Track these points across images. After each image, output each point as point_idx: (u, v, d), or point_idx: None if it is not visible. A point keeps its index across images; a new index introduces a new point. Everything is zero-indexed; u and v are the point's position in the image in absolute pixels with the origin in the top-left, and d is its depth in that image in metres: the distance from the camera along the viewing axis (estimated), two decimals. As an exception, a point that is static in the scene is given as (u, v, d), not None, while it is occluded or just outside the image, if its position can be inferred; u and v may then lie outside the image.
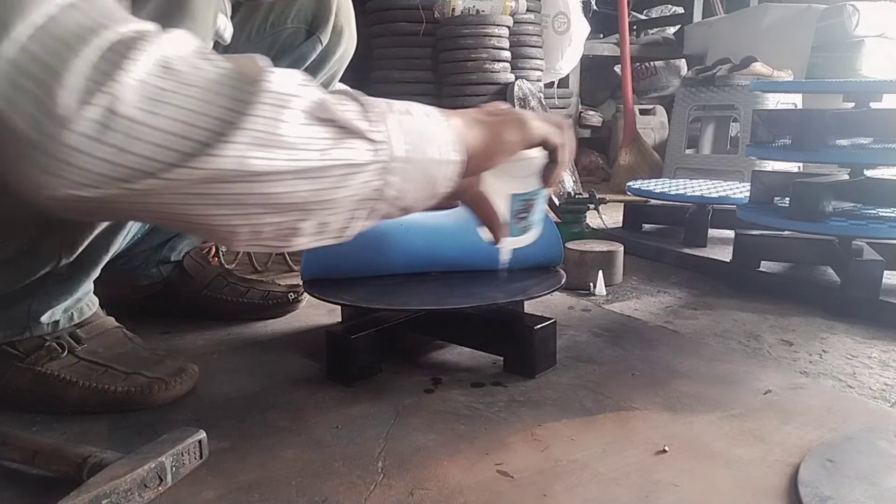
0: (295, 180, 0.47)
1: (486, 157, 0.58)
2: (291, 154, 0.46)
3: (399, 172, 0.52)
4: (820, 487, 0.58)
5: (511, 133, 0.60)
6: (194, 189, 0.44)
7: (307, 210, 0.49)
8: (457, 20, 2.12)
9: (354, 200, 0.51)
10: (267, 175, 0.45)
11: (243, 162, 0.44)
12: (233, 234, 0.49)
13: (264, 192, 0.46)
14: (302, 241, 0.52)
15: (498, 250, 0.72)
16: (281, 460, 0.65)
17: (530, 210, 0.67)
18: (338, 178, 0.49)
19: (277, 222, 0.49)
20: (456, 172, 0.56)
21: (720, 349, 0.96)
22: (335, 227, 0.52)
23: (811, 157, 1.36)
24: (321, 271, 0.89)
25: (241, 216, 0.47)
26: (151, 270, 1.06)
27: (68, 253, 0.71)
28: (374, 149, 0.50)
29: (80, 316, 0.79)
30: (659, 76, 3.49)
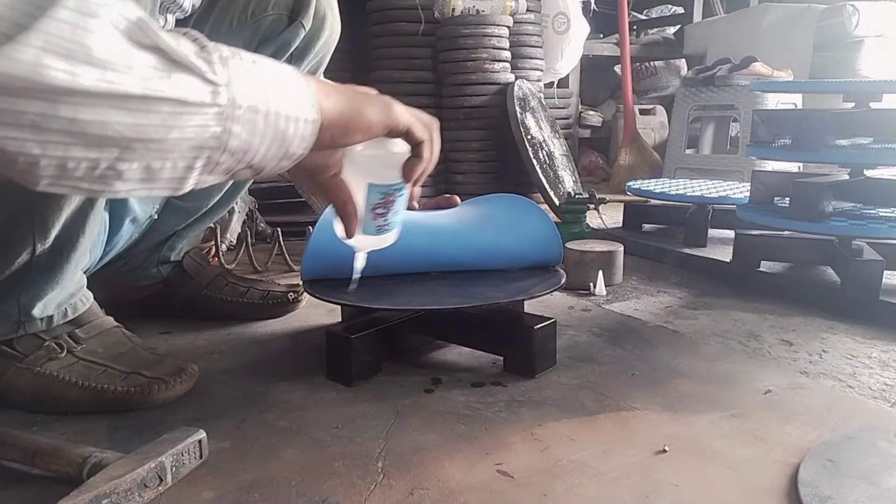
0: (108, 108, 0.42)
1: (343, 129, 0.55)
2: (102, 74, 0.41)
3: (243, 122, 0.47)
4: (820, 487, 0.58)
5: (373, 112, 0.56)
6: None
7: (128, 148, 0.44)
8: (457, 20, 2.12)
9: (189, 146, 0.46)
10: (69, 93, 0.40)
11: (37, 70, 0.39)
12: (34, 165, 0.42)
13: (69, 117, 0.41)
14: (125, 186, 0.46)
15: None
16: (281, 460, 0.65)
17: (389, 207, 0.64)
18: (165, 116, 0.44)
19: (91, 158, 0.43)
20: (311, 133, 0.52)
21: (720, 349, 0.96)
22: (167, 174, 0.47)
23: (811, 157, 1.36)
24: (321, 271, 0.89)
25: (41, 143, 0.41)
26: (151, 271, 1.06)
27: (42, 237, 0.70)
28: (211, 90, 0.45)
29: (74, 311, 0.79)
30: (659, 76, 3.49)
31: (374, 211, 0.63)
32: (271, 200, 1.75)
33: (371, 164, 0.61)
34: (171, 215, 1.02)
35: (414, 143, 0.60)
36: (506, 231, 0.96)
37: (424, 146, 0.60)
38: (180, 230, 1.06)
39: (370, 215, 0.63)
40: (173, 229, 1.05)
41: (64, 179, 0.44)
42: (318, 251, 0.87)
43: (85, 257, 0.79)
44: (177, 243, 1.07)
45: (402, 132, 0.59)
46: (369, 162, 0.61)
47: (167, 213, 1.01)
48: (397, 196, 0.64)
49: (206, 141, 0.46)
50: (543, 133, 2.13)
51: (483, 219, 0.94)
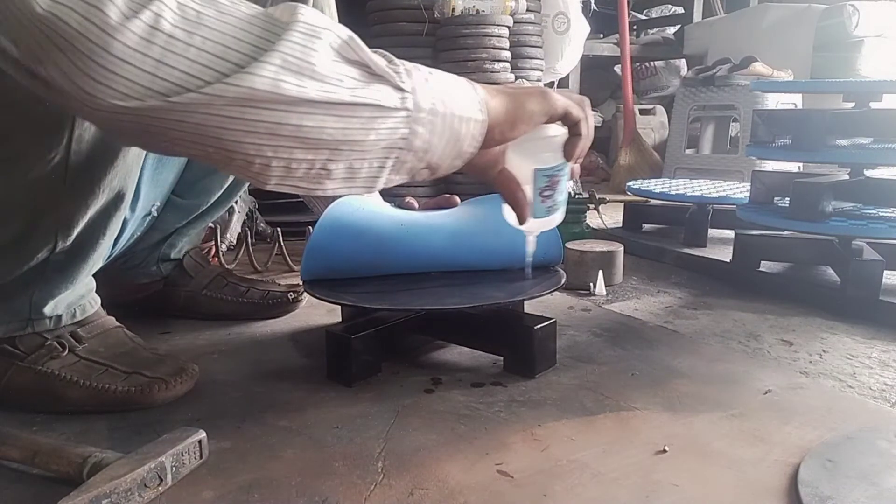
0: (324, 115, 0.49)
1: (510, 124, 0.60)
2: (322, 86, 0.49)
3: (425, 123, 0.54)
4: (820, 487, 0.58)
5: (533, 103, 0.61)
6: (230, 111, 0.47)
7: (336, 150, 0.51)
8: (457, 20, 2.11)
9: (382, 147, 0.53)
10: (298, 103, 0.48)
11: (277, 84, 0.47)
12: (267, 167, 0.50)
13: (295, 124, 0.48)
14: (332, 185, 0.54)
15: (524, 240, 0.74)
16: (281, 460, 0.65)
17: (555, 188, 0.68)
18: (366, 120, 0.51)
19: (309, 160, 0.51)
20: (480, 132, 0.58)
21: (720, 349, 0.96)
22: (364, 174, 0.54)
23: (811, 157, 1.36)
24: (321, 271, 0.89)
25: (274, 147, 0.49)
26: (151, 268, 1.07)
27: (64, 235, 0.71)
28: (401, 96, 0.52)
29: (83, 313, 0.79)
30: (659, 76, 3.49)
31: (542, 195, 0.68)
32: (271, 200, 1.75)
33: (533, 151, 0.66)
34: (172, 213, 1.02)
35: (572, 123, 0.64)
36: (506, 231, 0.96)
37: (582, 125, 0.65)
38: (180, 228, 1.06)
39: (539, 199, 0.68)
40: (173, 227, 1.05)
41: (288, 179, 0.52)
42: (318, 251, 0.87)
43: (101, 261, 0.79)
44: (177, 241, 1.07)
45: (561, 115, 0.63)
46: (531, 150, 0.65)
47: (167, 211, 1.01)
48: (561, 176, 0.68)
49: (396, 142, 0.53)
50: (543, 133, 2.13)
51: (483, 219, 0.94)
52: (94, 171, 0.69)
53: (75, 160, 0.66)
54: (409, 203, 0.96)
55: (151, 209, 0.96)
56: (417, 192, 1.90)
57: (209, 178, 1.01)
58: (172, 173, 0.96)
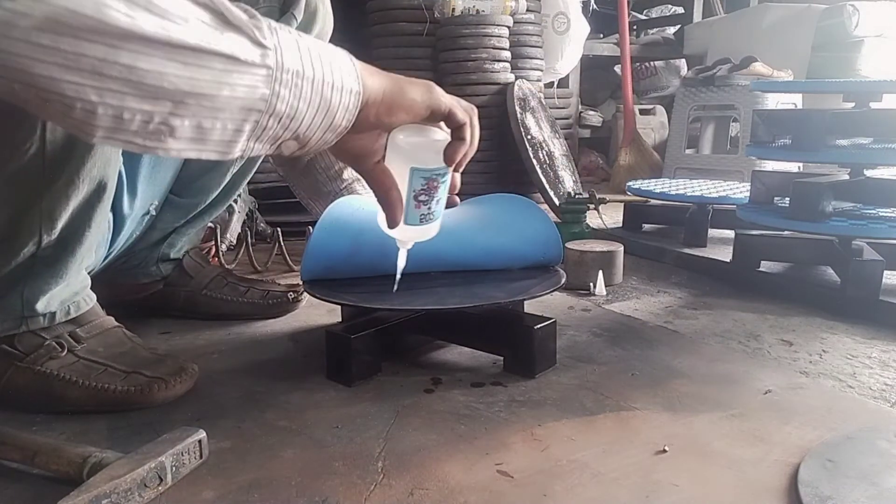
0: (164, 59, 0.43)
1: (387, 107, 0.56)
2: (160, 22, 0.43)
3: (290, 86, 0.49)
4: (820, 487, 0.58)
5: (416, 92, 0.58)
6: (41, 37, 0.40)
7: (181, 103, 0.45)
8: (457, 20, 2.12)
9: (239, 107, 0.47)
10: (129, 37, 0.41)
11: (100, 8, 0.40)
12: (91, 114, 0.43)
13: (126, 63, 0.42)
14: (177, 144, 0.47)
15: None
16: (281, 460, 0.65)
17: (432, 194, 0.64)
18: (218, 72, 0.45)
19: (145, 110, 0.44)
20: (355, 105, 0.53)
21: (720, 349, 0.96)
22: (217, 135, 0.48)
23: (811, 157, 1.36)
24: (321, 271, 0.89)
25: (99, 90, 0.42)
26: (150, 268, 1.06)
27: (49, 228, 0.70)
28: (261, 52, 0.47)
29: (77, 310, 0.79)
30: (659, 76, 3.49)
31: (417, 199, 0.63)
32: (271, 200, 1.75)
33: (413, 149, 0.61)
34: (170, 212, 1.02)
35: (455, 126, 0.61)
36: (506, 231, 0.96)
37: (465, 129, 0.61)
38: (179, 227, 1.06)
39: (413, 203, 0.64)
40: (172, 226, 1.05)
41: (119, 133, 0.45)
42: (318, 251, 0.87)
43: (90, 254, 0.79)
44: (176, 240, 1.07)
45: (444, 113, 0.60)
46: (411, 147, 0.61)
47: (166, 211, 1.01)
48: (440, 182, 0.64)
49: (254, 103, 0.48)
50: (543, 133, 2.13)
51: (483, 219, 0.94)
52: (72, 160, 0.68)
53: (51, 150, 0.65)
54: None
55: (150, 208, 0.96)
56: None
57: (207, 176, 1.01)
58: (170, 172, 0.96)
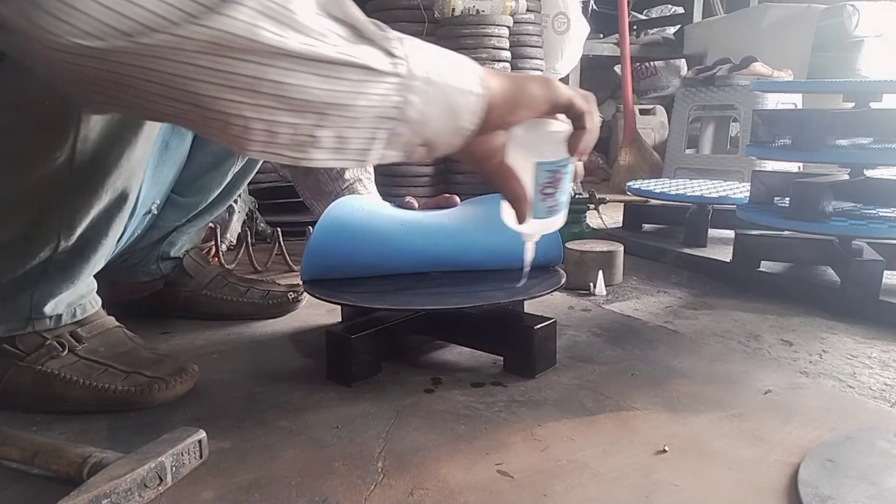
0: (308, 73, 0.46)
1: (509, 106, 0.57)
2: (304, 39, 0.46)
3: (420, 92, 0.51)
4: (820, 487, 0.58)
5: (536, 88, 0.59)
6: (203, 59, 0.44)
7: (323, 114, 0.48)
8: (457, 20, 2.12)
9: (374, 115, 0.50)
10: (278, 55, 0.45)
11: (253, 30, 0.44)
12: (247, 129, 0.47)
13: (276, 80, 0.46)
14: (320, 154, 0.51)
15: (523, 244, 0.69)
16: (281, 460, 0.65)
17: (557, 186, 0.64)
18: (354, 83, 0.48)
19: (293, 123, 0.48)
20: (479, 107, 0.55)
21: (720, 349, 0.96)
22: (355, 144, 0.51)
23: (811, 157, 1.36)
24: (321, 271, 0.89)
25: (254, 107, 0.46)
26: (151, 267, 1.07)
27: (67, 234, 0.71)
28: (392, 61, 0.50)
29: (83, 312, 0.79)
30: (659, 76, 3.49)
31: (543, 192, 0.63)
32: (271, 200, 1.75)
33: (535, 144, 0.61)
34: (172, 211, 1.02)
35: (576, 116, 0.61)
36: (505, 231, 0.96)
37: (586, 117, 0.61)
38: (180, 226, 1.06)
39: (539, 197, 0.63)
40: (173, 225, 1.05)
41: (271, 146, 0.49)
42: (318, 251, 0.87)
43: (102, 261, 0.79)
44: (177, 239, 1.07)
45: (565, 105, 0.60)
46: (533, 142, 0.61)
47: (167, 209, 1.01)
48: (564, 173, 0.64)
49: (388, 111, 0.50)
50: (543, 133, 2.13)
51: (483, 218, 0.94)
52: (100, 171, 0.69)
53: (80, 160, 0.66)
54: (409, 203, 0.96)
55: (151, 207, 0.96)
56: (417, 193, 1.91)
57: (208, 175, 1.01)
58: (172, 171, 0.96)
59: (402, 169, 1.94)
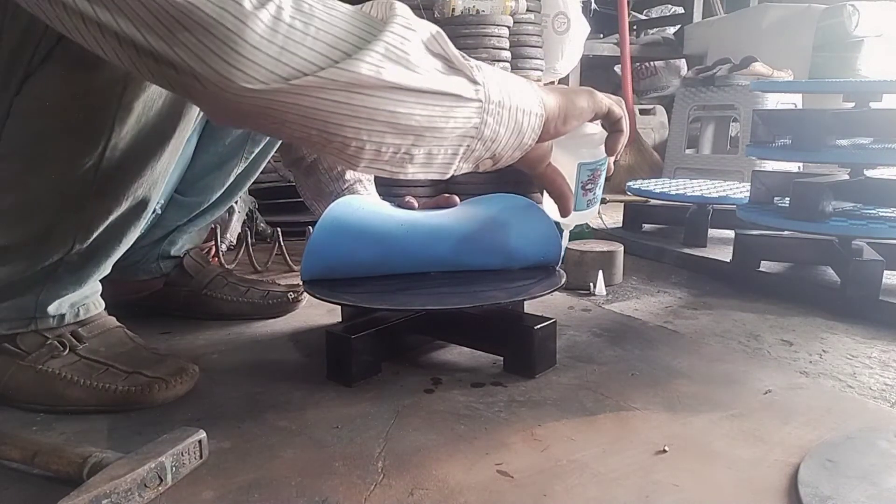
0: (415, 103, 0.54)
1: (562, 119, 0.65)
2: (415, 76, 0.54)
3: (494, 114, 0.59)
4: (820, 487, 0.58)
5: (583, 100, 0.67)
6: (339, 95, 0.51)
7: (420, 136, 0.56)
8: (457, 20, 2.11)
9: (458, 135, 0.58)
10: (396, 90, 0.53)
11: (379, 71, 0.52)
12: (361, 150, 0.55)
13: (391, 110, 0.53)
14: (413, 168, 0.59)
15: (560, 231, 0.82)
16: (281, 460, 0.65)
17: (596, 181, 0.75)
18: (446, 108, 0.56)
19: (396, 144, 0.56)
20: (539, 125, 0.63)
21: (720, 349, 0.96)
22: (440, 159, 0.59)
23: (811, 157, 1.36)
24: (321, 271, 0.89)
25: (369, 132, 0.54)
26: (151, 265, 1.07)
27: (83, 238, 0.72)
28: (475, 88, 0.57)
29: (86, 313, 0.79)
30: (659, 76, 3.49)
31: (584, 188, 0.75)
32: (271, 200, 1.75)
33: (578, 147, 0.73)
34: (174, 210, 1.02)
35: (614, 120, 0.71)
36: (505, 231, 0.96)
37: (623, 122, 0.71)
38: (182, 225, 1.06)
39: (581, 192, 0.75)
40: (175, 224, 1.05)
41: (376, 162, 0.57)
42: (319, 251, 0.87)
43: (110, 265, 0.80)
44: (178, 238, 1.07)
45: (605, 113, 0.70)
46: (576, 145, 0.72)
47: (169, 209, 1.01)
48: (602, 171, 0.76)
49: (469, 130, 0.58)
50: (543, 133, 2.13)
51: (483, 218, 0.94)
52: (123, 179, 0.70)
53: (106, 167, 0.68)
54: (409, 202, 0.96)
55: (155, 206, 0.97)
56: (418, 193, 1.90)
57: (211, 176, 1.01)
58: (176, 171, 0.96)
59: (402, 169, 1.94)
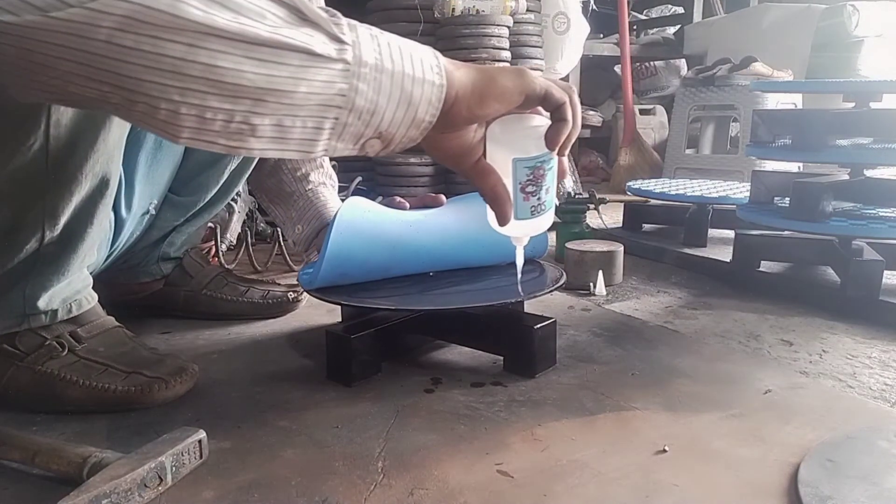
0: (242, 56, 0.43)
1: (478, 98, 0.54)
2: (235, 17, 0.43)
3: (369, 80, 0.48)
4: (820, 487, 0.58)
5: (507, 79, 0.55)
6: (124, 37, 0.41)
7: (260, 100, 0.45)
8: (457, 20, 2.12)
9: (317, 104, 0.47)
10: (206, 35, 0.42)
11: (175, 3, 0.41)
12: (175, 114, 0.44)
13: (205, 62, 0.42)
14: (259, 144, 0.47)
15: (512, 246, 0.67)
16: (281, 460, 0.65)
17: (539, 184, 0.60)
18: (295, 68, 0.45)
19: (226, 109, 0.45)
20: (438, 98, 0.52)
21: (720, 349, 0.96)
22: (298, 134, 0.48)
23: (811, 157, 1.36)
24: (336, 278, 0.86)
25: (181, 90, 0.43)
26: (151, 267, 1.07)
27: (52, 224, 0.70)
28: (338, 47, 0.47)
29: (79, 308, 0.79)
30: (659, 76, 3.49)
31: (524, 191, 0.60)
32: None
33: (512, 139, 0.58)
34: (170, 211, 1.02)
35: (554, 107, 0.57)
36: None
37: (565, 108, 0.57)
38: (179, 226, 1.06)
39: (521, 196, 0.60)
40: (172, 225, 1.05)
41: (203, 133, 0.46)
42: (336, 259, 0.84)
43: (92, 251, 0.78)
44: (176, 239, 1.07)
45: (540, 96, 0.56)
46: (510, 136, 0.58)
47: (165, 209, 1.01)
48: (546, 170, 0.60)
49: (332, 98, 0.47)
50: (543, 133, 2.13)
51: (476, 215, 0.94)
52: (76, 156, 0.68)
53: (55, 146, 0.65)
54: (401, 203, 0.95)
55: (150, 207, 0.96)
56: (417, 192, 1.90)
57: (205, 174, 1.01)
58: (168, 170, 0.96)
59: (401, 169, 1.95)
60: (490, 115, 0.56)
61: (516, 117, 0.58)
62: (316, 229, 1.01)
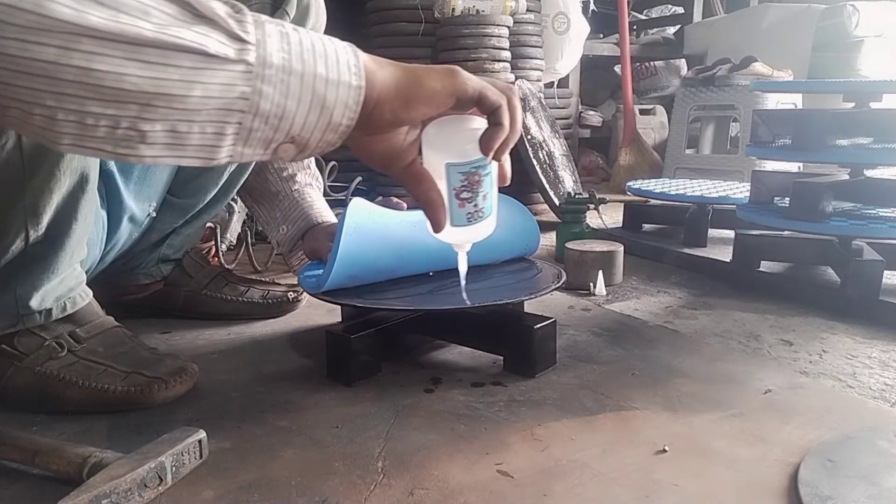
0: (124, 59, 0.39)
1: (402, 101, 0.50)
2: (111, 14, 0.39)
3: (275, 83, 0.44)
4: (820, 487, 0.58)
5: (435, 80, 0.51)
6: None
7: (148, 105, 0.41)
8: (457, 20, 2.12)
9: (215, 108, 0.43)
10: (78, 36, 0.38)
11: (40, 2, 0.37)
12: (52, 120, 0.40)
13: (81, 66, 0.38)
14: (150, 151, 0.43)
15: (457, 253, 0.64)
16: (281, 460, 0.65)
17: (475, 190, 0.56)
18: (187, 70, 0.41)
19: (110, 115, 0.41)
20: (356, 101, 0.48)
21: (720, 349, 0.96)
22: (196, 140, 0.44)
23: (811, 157, 1.36)
24: (345, 280, 0.86)
25: (56, 96, 0.39)
26: (151, 269, 1.07)
27: (34, 223, 0.70)
28: (239, 47, 0.43)
29: (74, 306, 0.78)
30: (659, 76, 3.49)
31: (458, 197, 0.56)
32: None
33: (445, 143, 0.55)
34: (169, 213, 1.02)
35: (490, 110, 0.53)
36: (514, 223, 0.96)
37: (501, 112, 0.53)
38: (178, 227, 1.06)
39: (456, 203, 0.57)
40: (171, 227, 1.05)
41: (86, 140, 0.42)
42: (346, 261, 0.83)
43: (81, 248, 0.78)
44: (176, 240, 1.07)
45: (473, 98, 0.52)
46: (444, 140, 0.55)
47: (164, 211, 1.01)
48: (482, 175, 0.56)
49: (233, 102, 0.43)
50: (543, 133, 2.13)
51: None
52: (51, 154, 0.67)
53: (29, 143, 0.64)
54: (398, 203, 0.95)
55: (149, 209, 0.96)
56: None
57: (203, 176, 1.01)
58: (165, 173, 0.96)
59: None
60: (417, 119, 0.52)
61: (453, 119, 0.54)
62: (301, 230, 1.01)
